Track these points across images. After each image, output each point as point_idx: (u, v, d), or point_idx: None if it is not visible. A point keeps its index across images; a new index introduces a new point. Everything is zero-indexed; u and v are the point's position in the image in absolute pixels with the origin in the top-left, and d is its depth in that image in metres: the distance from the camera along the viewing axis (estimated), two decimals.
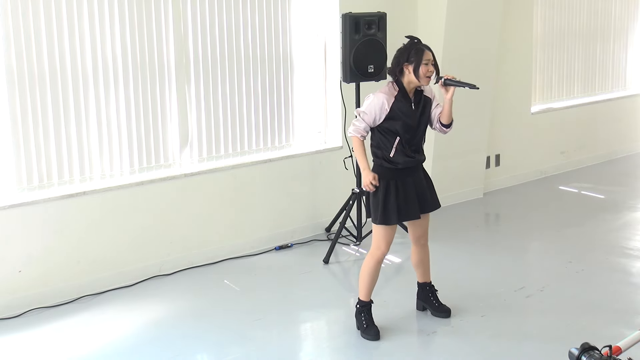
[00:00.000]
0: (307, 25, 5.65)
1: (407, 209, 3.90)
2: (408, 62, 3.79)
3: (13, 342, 4.03)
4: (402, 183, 3.89)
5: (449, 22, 6.03)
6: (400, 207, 3.87)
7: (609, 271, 4.93)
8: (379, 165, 3.92)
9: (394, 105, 3.81)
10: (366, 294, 4.02)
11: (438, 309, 4.22)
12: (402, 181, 3.89)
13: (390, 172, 3.88)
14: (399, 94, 3.84)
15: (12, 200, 4.38)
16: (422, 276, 4.24)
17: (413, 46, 3.82)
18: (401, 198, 3.87)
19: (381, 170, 3.91)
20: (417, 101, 3.90)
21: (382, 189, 3.88)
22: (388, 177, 3.88)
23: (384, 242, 3.92)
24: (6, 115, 4.32)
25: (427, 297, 4.25)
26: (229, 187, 5.30)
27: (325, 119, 5.88)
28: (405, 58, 3.80)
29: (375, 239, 3.95)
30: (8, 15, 4.23)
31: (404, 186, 3.89)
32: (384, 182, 3.88)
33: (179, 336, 4.04)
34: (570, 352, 2.17)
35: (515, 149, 7.26)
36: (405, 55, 3.81)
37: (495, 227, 6.38)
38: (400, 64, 3.82)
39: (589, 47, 7.97)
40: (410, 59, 3.79)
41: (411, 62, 3.78)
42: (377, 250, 3.94)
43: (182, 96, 5.02)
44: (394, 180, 3.88)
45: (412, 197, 3.91)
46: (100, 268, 4.70)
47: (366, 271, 3.98)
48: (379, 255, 3.94)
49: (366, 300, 4.03)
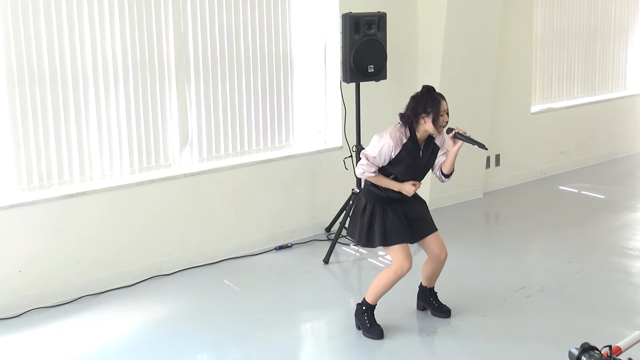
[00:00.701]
0: (307, 25, 5.65)
1: (396, 232, 3.87)
2: (425, 113, 3.78)
3: (13, 342, 4.03)
4: (390, 209, 3.89)
5: (449, 22, 6.03)
6: (387, 231, 3.86)
7: (609, 271, 4.92)
8: (367, 188, 3.95)
9: (401, 153, 3.82)
10: (375, 299, 4.01)
11: (438, 309, 4.22)
12: (390, 207, 3.89)
13: (379, 198, 3.91)
14: (409, 141, 3.83)
15: (12, 200, 4.38)
16: (429, 283, 4.23)
17: (429, 96, 3.81)
18: (389, 222, 3.87)
19: (369, 194, 3.93)
20: (426, 148, 3.90)
21: (369, 212, 3.89)
22: (375, 202, 3.90)
23: (405, 259, 3.86)
24: (6, 115, 4.32)
25: (427, 298, 4.25)
26: (229, 187, 5.30)
27: (325, 119, 5.88)
28: (423, 109, 3.78)
29: (395, 258, 3.90)
30: (8, 15, 4.23)
31: (393, 212, 3.88)
32: (370, 205, 3.90)
33: (179, 336, 4.04)
34: (570, 352, 2.17)
35: (515, 149, 7.25)
36: (422, 106, 3.79)
37: (495, 227, 6.38)
38: (418, 115, 3.79)
39: (589, 47, 7.96)
40: (427, 110, 3.77)
41: (428, 113, 3.77)
42: (401, 267, 3.87)
43: (182, 96, 5.02)
44: (381, 205, 3.89)
45: (401, 221, 3.89)
46: (100, 268, 4.70)
47: (385, 281, 3.94)
48: (403, 272, 3.89)
49: (373, 304, 4.02)
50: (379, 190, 3.90)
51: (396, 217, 3.88)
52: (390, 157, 3.82)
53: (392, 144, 3.80)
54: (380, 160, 3.83)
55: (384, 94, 5.86)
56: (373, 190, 3.92)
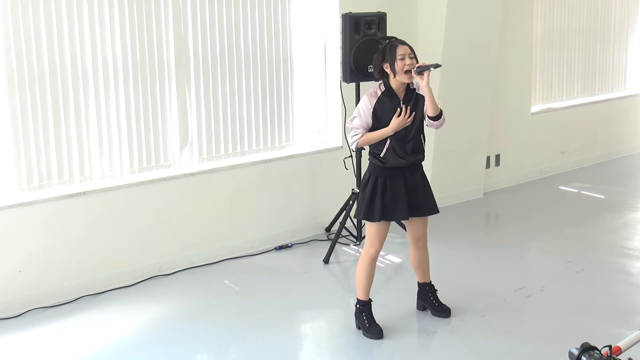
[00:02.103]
0: (307, 25, 5.65)
1: (392, 209, 3.87)
2: (384, 61, 3.80)
3: (13, 342, 4.03)
4: (391, 182, 3.86)
5: (449, 22, 6.03)
6: (385, 205, 3.85)
7: (609, 271, 4.92)
8: (372, 163, 3.92)
9: (376, 106, 3.82)
10: (364, 293, 4.02)
11: (438, 308, 4.22)
12: (391, 180, 3.87)
13: (380, 169, 3.88)
14: (383, 94, 3.84)
15: (12, 200, 4.38)
16: (422, 277, 4.24)
17: (387, 44, 3.84)
18: (387, 197, 3.85)
19: (371, 167, 3.92)
20: (407, 99, 3.87)
21: (371, 185, 3.88)
22: (377, 174, 3.88)
23: (376, 240, 3.92)
24: (6, 115, 4.32)
25: (427, 297, 4.25)
26: (229, 187, 5.30)
27: (325, 119, 5.88)
28: (382, 58, 3.81)
29: (368, 237, 3.96)
30: (8, 15, 4.23)
31: (393, 186, 3.86)
32: (373, 178, 3.89)
33: (179, 336, 4.04)
34: (570, 352, 2.17)
35: (515, 149, 7.25)
36: (381, 55, 3.83)
37: (495, 227, 6.38)
38: (379, 65, 3.82)
39: (589, 47, 7.96)
40: (386, 57, 3.79)
41: (387, 60, 3.79)
42: (370, 247, 3.94)
43: (182, 96, 5.02)
44: (382, 177, 3.87)
45: (400, 197, 3.87)
46: (100, 268, 4.70)
47: (362, 270, 3.98)
48: (373, 253, 3.94)
49: (365, 299, 4.02)
50: (380, 162, 3.86)
51: (395, 193, 3.85)
52: (370, 113, 3.80)
53: (366, 98, 3.82)
54: (362, 121, 3.81)
55: None
56: (374, 162, 3.89)
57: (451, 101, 6.24)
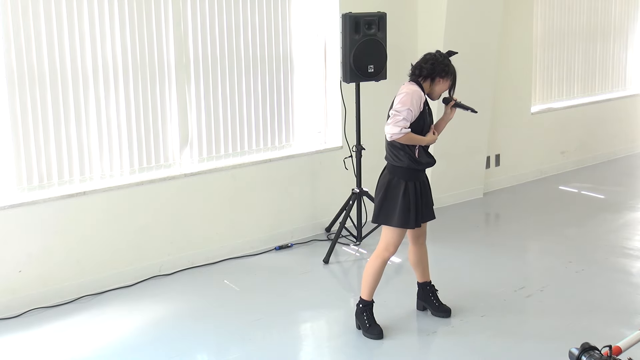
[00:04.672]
0: (307, 25, 5.65)
1: (423, 212, 3.93)
2: (442, 75, 3.83)
3: (13, 342, 4.03)
4: (419, 185, 3.90)
5: (449, 23, 6.03)
6: (418, 209, 3.88)
7: (609, 271, 4.93)
8: (402, 167, 3.84)
9: (425, 104, 3.85)
10: (369, 294, 4.01)
11: (438, 308, 4.22)
12: (419, 182, 3.90)
13: (412, 172, 3.87)
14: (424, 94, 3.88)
15: (12, 200, 4.38)
16: (422, 276, 4.23)
17: (450, 64, 3.87)
18: (419, 200, 3.89)
19: (401, 171, 3.86)
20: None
21: (403, 191, 3.84)
22: (407, 179, 3.85)
23: (393, 245, 3.91)
24: (6, 115, 4.32)
25: (427, 297, 4.25)
26: (229, 187, 5.30)
27: (325, 119, 5.88)
28: (442, 70, 3.83)
29: (385, 241, 3.92)
30: (8, 15, 4.23)
31: (421, 188, 3.91)
32: (404, 183, 3.85)
33: (179, 336, 4.04)
34: (570, 352, 2.17)
35: (515, 149, 7.26)
36: (443, 67, 3.83)
37: (495, 227, 6.38)
38: (435, 74, 3.83)
39: (589, 46, 7.97)
40: (446, 76, 3.84)
41: (448, 77, 3.84)
42: (385, 251, 3.92)
43: (182, 96, 5.02)
44: (412, 182, 3.86)
45: (426, 198, 3.95)
46: (100, 268, 4.70)
47: (371, 271, 3.97)
48: (387, 257, 3.94)
49: (368, 299, 4.02)
50: (414, 163, 3.84)
51: (423, 196, 3.90)
52: (420, 108, 3.79)
53: (419, 93, 3.80)
54: (414, 112, 3.77)
55: (384, 94, 5.83)
56: (408, 164, 3.83)
57: None
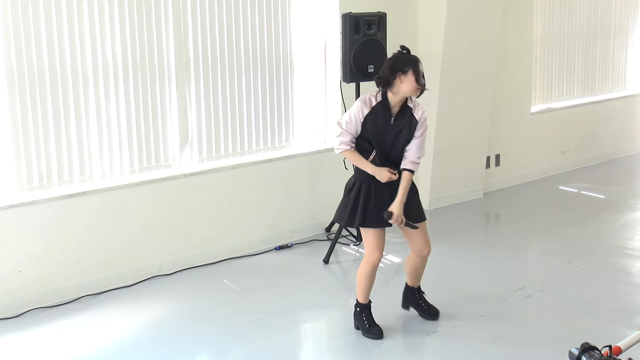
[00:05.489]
0: (307, 25, 5.65)
1: (376, 215, 3.79)
2: (402, 71, 3.65)
3: (13, 342, 4.03)
4: (376, 188, 3.80)
5: (449, 22, 6.03)
6: (368, 212, 3.80)
7: (609, 271, 4.92)
8: (356, 167, 3.86)
9: (368, 116, 3.72)
10: (364, 297, 4.00)
11: (427, 311, 4.16)
12: (376, 186, 3.80)
13: (367, 175, 3.81)
14: (378, 105, 3.74)
15: (12, 200, 4.38)
16: (414, 282, 4.18)
17: (407, 55, 3.72)
18: (372, 203, 3.80)
19: (358, 172, 3.86)
20: (400, 116, 3.77)
21: (355, 190, 3.83)
22: (363, 180, 3.83)
23: (374, 248, 3.87)
24: (6, 115, 4.32)
25: (415, 301, 4.20)
26: (229, 187, 5.30)
27: (325, 119, 5.88)
28: (401, 67, 3.66)
29: (366, 245, 3.91)
30: (8, 15, 4.23)
31: (378, 192, 3.80)
32: (358, 183, 3.84)
33: (179, 336, 4.04)
34: (570, 352, 2.17)
35: (515, 149, 7.25)
36: (399, 64, 3.67)
37: (495, 227, 6.38)
38: (395, 72, 3.67)
39: (589, 47, 7.96)
40: (405, 69, 3.65)
41: (406, 71, 3.65)
42: (370, 256, 3.90)
43: (182, 96, 5.02)
44: (367, 183, 3.81)
45: (384, 204, 3.79)
46: (100, 268, 4.70)
47: (362, 275, 3.96)
48: (374, 261, 3.90)
49: (364, 302, 4.02)
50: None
51: (380, 199, 3.79)
52: (360, 121, 3.71)
53: (360, 104, 3.73)
54: (352, 126, 3.72)
55: None
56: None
57: (451, 101, 6.25)
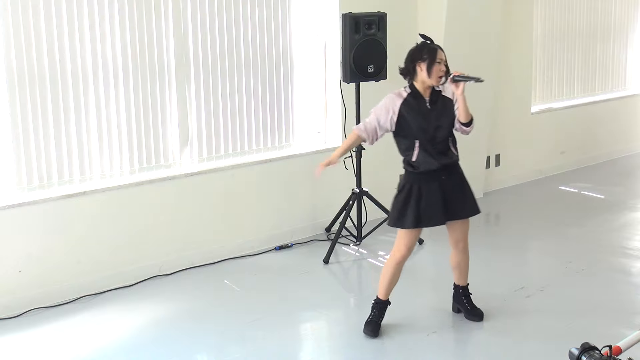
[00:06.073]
0: (307, 25, 5.65)
1: (427, 216, 3.84)
2: (421, 60, 3.78)
3: (13, 342, 4.03)
4: (426, 188, 3.83)
5: (449, 23, 6.03)
6: (418, 213, 3.82)
7: (609, 271, 4.92)
8: (406, 170, 3.89)
9: (402, 109, 3.80)
10: (384, 293, 4.00)
11: (471, 312, 4.18)
12: (426, 186, 3.83)
13: (414, 176, 3.85)
14: (409, 95, 3.83)
15: (12, 200, 4.38)
16: (458, 279, 4.20)
17: (426, 45, 3.83)
18: (422, 204, 3.82)
19: (406, 174, 3.89)
20: (433, 101, 3.86)
21: (405, 192, 3.85)
22: (411, 181, 3.85)
23: (404, 245, 3.89)
24: (6, 115, 4.32)
25: (460, 300, 4.22)
26: (229, 187, 5.30)
27: (325, 119, 5.88)
28: (419, 56, 3.79)
29: (396, 241, 3.92)
30: (8, 15, 4.23)
31: (428, 192, 3.84)
32: (407, 185, 3.86)
33: (179, 336, 4.04)
34: (570, 352, 2.17)
35: (515, 149, 7.25)
36: (419, 52, 3.81)
37: (495, 227, 6.37)
38: (414, 62, 3.80)
39: (589, 47, 7.97)
40: (423, 57, 3.78)
41: (424, 60, 3.77)
42: (397, 252, 3.91)
43: (182, 96, 5.02)
44: (417, 185, 3.84)
45: (435, 203, 3.83)
46: (100, 268, 4.70)
47: (386, 272, 3.97)
48: (399, 258, 3.92)
49: (383, 299, 4.01)
50: (412, 167, 3.83)
51: (428, 200, 3.83)
52: (391, 114, 3.79)
53: (391, 95, 3.82)
54: (382, 114, 3.80)
55: (384, 94, 5.77)
56: (408, 169, 3.86)
57: None
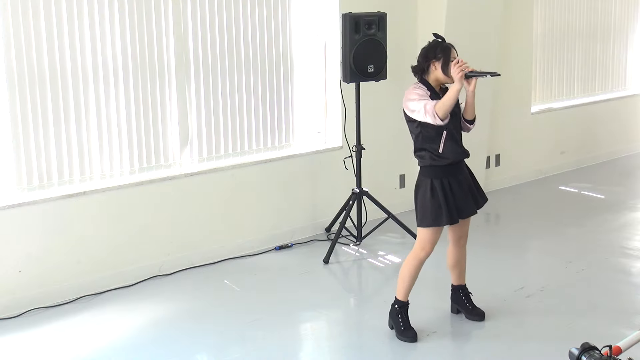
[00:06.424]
0: (307, 25, 5.65)
1: (460, 207, 3.84)
2: (436, 58, 3.79)
3: (13, 342, 4.03)
4: (454, 181, 3.82)
5: (449, 22, 6.03)
6: (451, 206, 3.80)
7: (609, 271, 4.92)
8: (426, 167, 3.84)
9: (431, 96, 3.79)
10: (405, 294, 3.96)
11: (472, 312, 4.17)
12: (453, 179, 3.83)
13: (439, 170, 3.81)
14: (427, 89, 3.83)
15: (12, 200, 4.38)
16: (457, 279, 4.19)
17: (440, 43, 3.83)
18: (451, 197, 3.80)
19: (427, 171, 3.85)
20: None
21: (430, 190, 3.80)
22: (434, 176, 3.81)
23: (429, 244, 3.86)
24: (6, 115, 4.32)
25: (460, 300, 4.21)
26: (229, 187, 5.30)
27: (325, 119, 5.88)
28: (433, 54, 3.80)
29: (420, 240, 3.88)
30: (8, 15, 4.23)
31: (457, 184, 3.83)
32: (434, 181, 3.81)
33: (179, 336, 4.04)
34: (570, 352, 2.17)
35: (515, 149, 7.25)
36: (432, 52, 3.81)
37: (495, 226, 6.37)
38: (429, 60, 3.81)
39: (589, 46, 7.96)
40: (437, 55, 3.78)
41: (439, 58, 3.78)
42: (421, 251, 3.88)
43: (182, 96, 5.02)
44: (438, 179, 3.80)
45: (463, 193, 3.85)
46: (100, 268, 4.70)
47: (407, 271, 3.92)
48: (423, 257, 3.89)
49: (404, 300, 3.98)
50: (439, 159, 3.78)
51: (459, 193, 3.82)
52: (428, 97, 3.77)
53: (416, 86, 3.81)
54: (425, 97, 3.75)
55: (384, 94, 5.86)
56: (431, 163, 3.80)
57: None
